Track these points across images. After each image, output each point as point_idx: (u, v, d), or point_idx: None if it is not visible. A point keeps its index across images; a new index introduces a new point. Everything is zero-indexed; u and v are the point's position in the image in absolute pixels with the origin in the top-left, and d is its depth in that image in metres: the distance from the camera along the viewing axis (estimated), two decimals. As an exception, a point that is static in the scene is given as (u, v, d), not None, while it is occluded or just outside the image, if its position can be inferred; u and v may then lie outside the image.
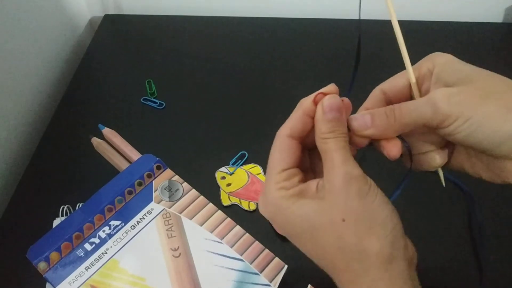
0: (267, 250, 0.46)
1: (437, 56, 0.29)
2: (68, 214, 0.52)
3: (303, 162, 0.31)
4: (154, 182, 0.50)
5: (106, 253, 0.44)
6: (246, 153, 0.60)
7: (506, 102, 0.25)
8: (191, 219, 0.48)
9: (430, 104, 0.27)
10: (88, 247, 0.45)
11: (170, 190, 0.50)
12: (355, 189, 0.26)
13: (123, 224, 0.46)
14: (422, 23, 0.79)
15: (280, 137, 0.29)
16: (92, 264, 0.44)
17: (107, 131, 0.62)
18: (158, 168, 0.51)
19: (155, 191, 0.49)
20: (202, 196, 0.50)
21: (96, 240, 0.45)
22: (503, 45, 0.76)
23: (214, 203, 0.49)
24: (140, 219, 0.47)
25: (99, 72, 0.76)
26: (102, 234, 0.45)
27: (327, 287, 0.30)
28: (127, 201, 0.48)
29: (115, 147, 0.60)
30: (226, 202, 0.55)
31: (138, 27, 0.84)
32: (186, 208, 0.48)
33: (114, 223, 0.46)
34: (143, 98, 0.69)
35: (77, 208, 0.53)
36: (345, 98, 0.29)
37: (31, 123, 0.69)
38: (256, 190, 0.56)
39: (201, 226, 0.47)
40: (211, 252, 0.46)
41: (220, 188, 0.56)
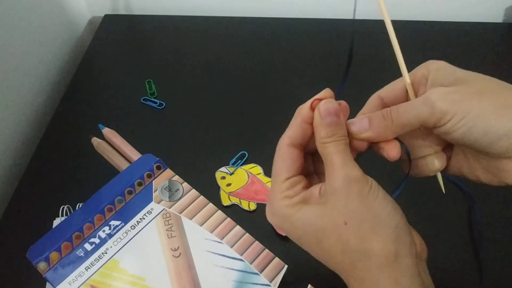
0: (267, 250, 0.46)
1: (431, 63, 0.30)
2: (68, 214, 0.52)
3: (306, 167, 0.31)
4: (154, 182, 0.50)
5: (106, 253, 0.44)
6: (246, 153, 0.60)
7: (502, 99, 0.26)
8: (191, 219, 0.48)
9: (426, 103, 0.27)
10: (88, 247, 0.45)
11: (170, 190, 0.50)
12: (356, 190, 0.26)
13: (123, 224, 0.46)
14: (422, 23, 0.79)
15: (281, 146, 0.30)
16: (92, 264, 0.44)
17: (107, 131, 0.62)
18: (158, 168, 0.51)
19: (155, 191, 0.49)
20: (202, 196, 0.50)
21: (96, 240, 0.45)
22: (503, 45, 0.76)
23: (214, 203, 0.49)
24: (140, 219, 0.47)
25: (99, 72, 0.76)
26: (102, 234, 0.45)
27: (327, 287, 0.30)
28: (127, 201, 0.48)
29: (115, 147, 0.60)
30: (226, 202, 0.55)
31: (138, 27, 0.84)
32: (186, 208, 0.48)
33: (114, 223, 0.46)
34: (143, 98, 0.69)
35: (77, 208, 0.53)
36: (342, 101, 0.30)
37: (31, 123, 0.69)
38: (256, 190, 0.56)
39: (201, 226, 0.47)
40: (211, 252, 0.46)
41: (220, 188, 0.56)
